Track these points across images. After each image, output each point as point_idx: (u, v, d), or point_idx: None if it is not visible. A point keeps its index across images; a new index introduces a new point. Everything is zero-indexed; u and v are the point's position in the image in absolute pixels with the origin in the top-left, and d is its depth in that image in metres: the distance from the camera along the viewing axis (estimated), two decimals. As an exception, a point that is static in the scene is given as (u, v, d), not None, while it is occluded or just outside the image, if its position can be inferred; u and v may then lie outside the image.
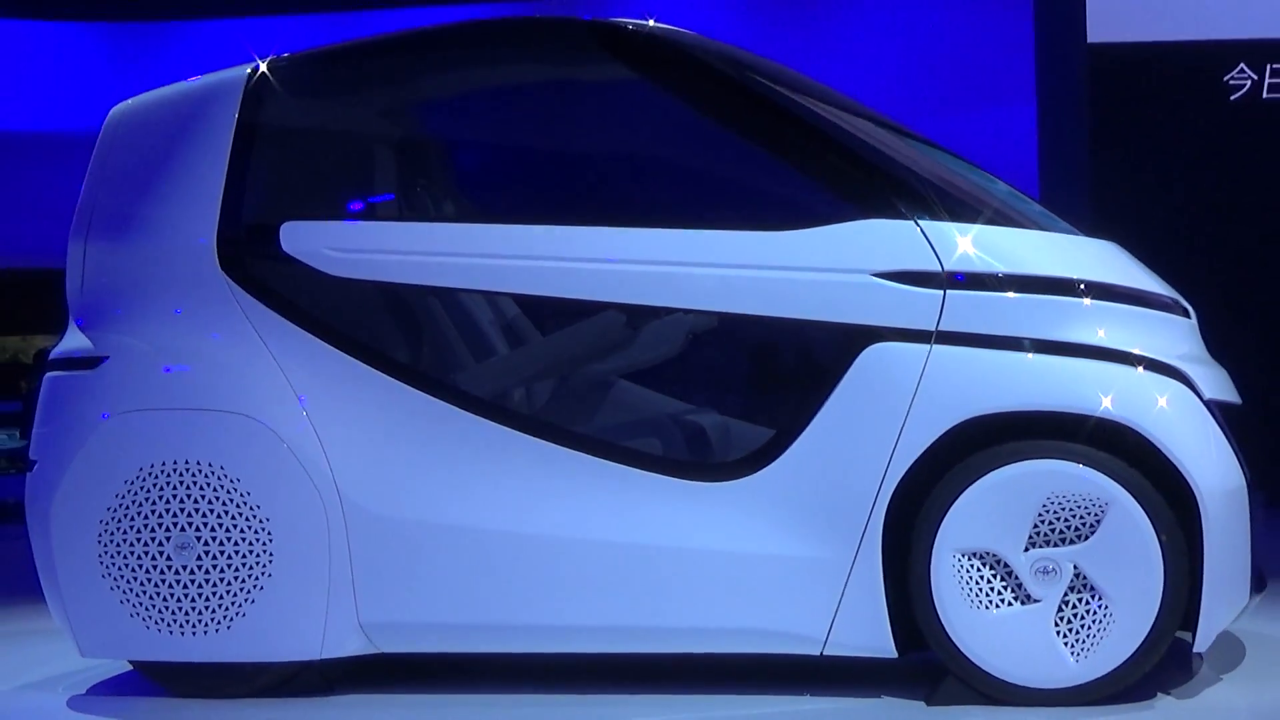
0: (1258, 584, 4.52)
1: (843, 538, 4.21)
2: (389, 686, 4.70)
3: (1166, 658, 4.23)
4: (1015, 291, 4.23)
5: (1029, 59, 10.35)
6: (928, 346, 4.19)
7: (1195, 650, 4.15)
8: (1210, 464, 4.15)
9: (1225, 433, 4.24)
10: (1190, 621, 4.13)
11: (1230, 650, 4.91)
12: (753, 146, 4.52)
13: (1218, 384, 4.49)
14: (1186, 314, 4.55)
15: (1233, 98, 9.47)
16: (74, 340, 4.70)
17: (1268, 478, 4.77)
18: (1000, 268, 4.24)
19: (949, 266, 4.22)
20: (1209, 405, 4.24)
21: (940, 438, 4.16)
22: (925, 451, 4.17)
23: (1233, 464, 4.22)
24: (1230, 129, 9.41)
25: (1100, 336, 4.22)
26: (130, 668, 4.78)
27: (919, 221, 4.25)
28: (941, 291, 4.21)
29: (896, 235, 4.25)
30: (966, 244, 4.25)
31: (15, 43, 18.84)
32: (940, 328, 4.20)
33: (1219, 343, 4.79)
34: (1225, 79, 9.42)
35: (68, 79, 18.62)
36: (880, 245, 4.25)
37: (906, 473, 4.18)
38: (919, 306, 4.21)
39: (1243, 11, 9.28)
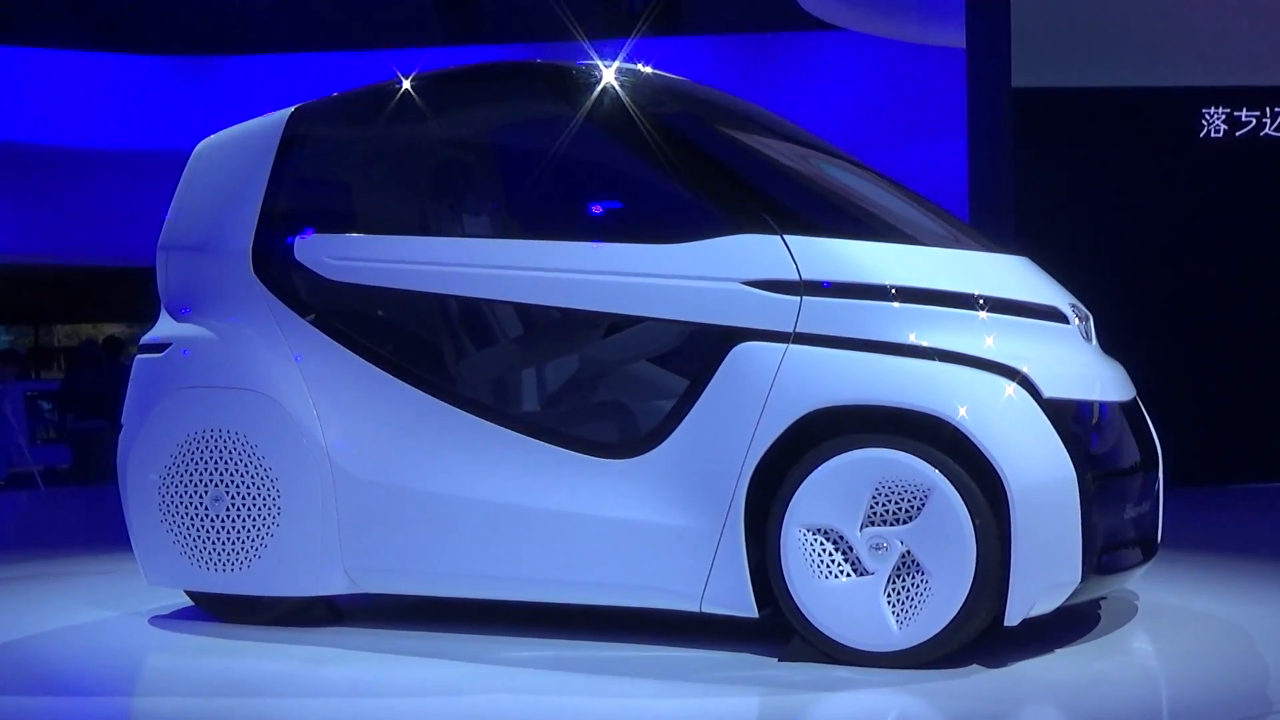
0: (1145, 553, 4.93)
1: (712, 511, 4.71)
2: (382, 624, 5.50)
3: (1020, 631, 4.54)
4: (863, 298, 4.62)
5: (962, 100, 11.29)
6: (785, 346, 4.65)
7: (1005, 624, 4.44)
8: (1025, 457, 4.44)
9: (1058, 428, 4.49)
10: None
11: (1113, 620, 5.18)
12: (652, 172, 5.01)
13: (1110, 381, 4.84)
14: (1064, 320, 4.84)
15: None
16: (157, 329, 5.68)
17: (1167, 459, 5.10)
18: (853, 277, 4.65)
19: (806, 275, 4.67)
20: (1046, 403, 4.52)
21: (790, 426, 4.60)
22: (779, 438, 4.62)
23: (1058, 456, 4.47)
24: (1132, 159, 10.42)
25: (941, 340, 4.55)
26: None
27: (784, 236, 4.72)
28: (798, 298, 4.68)
29: (763, 248, 4.72)
30: (825, 256, 4.68)
31: (100, 73, 22.12)
32: (797, 329, 4.65)
33: (1120, 339, 5.15)
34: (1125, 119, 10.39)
35: (143, 103, 21.88)
36: (750, 257, 4.73)
37: (764, 456, 4.63)
38: (779, 311, 4.67)
39: (1135, 65, 10.49)
